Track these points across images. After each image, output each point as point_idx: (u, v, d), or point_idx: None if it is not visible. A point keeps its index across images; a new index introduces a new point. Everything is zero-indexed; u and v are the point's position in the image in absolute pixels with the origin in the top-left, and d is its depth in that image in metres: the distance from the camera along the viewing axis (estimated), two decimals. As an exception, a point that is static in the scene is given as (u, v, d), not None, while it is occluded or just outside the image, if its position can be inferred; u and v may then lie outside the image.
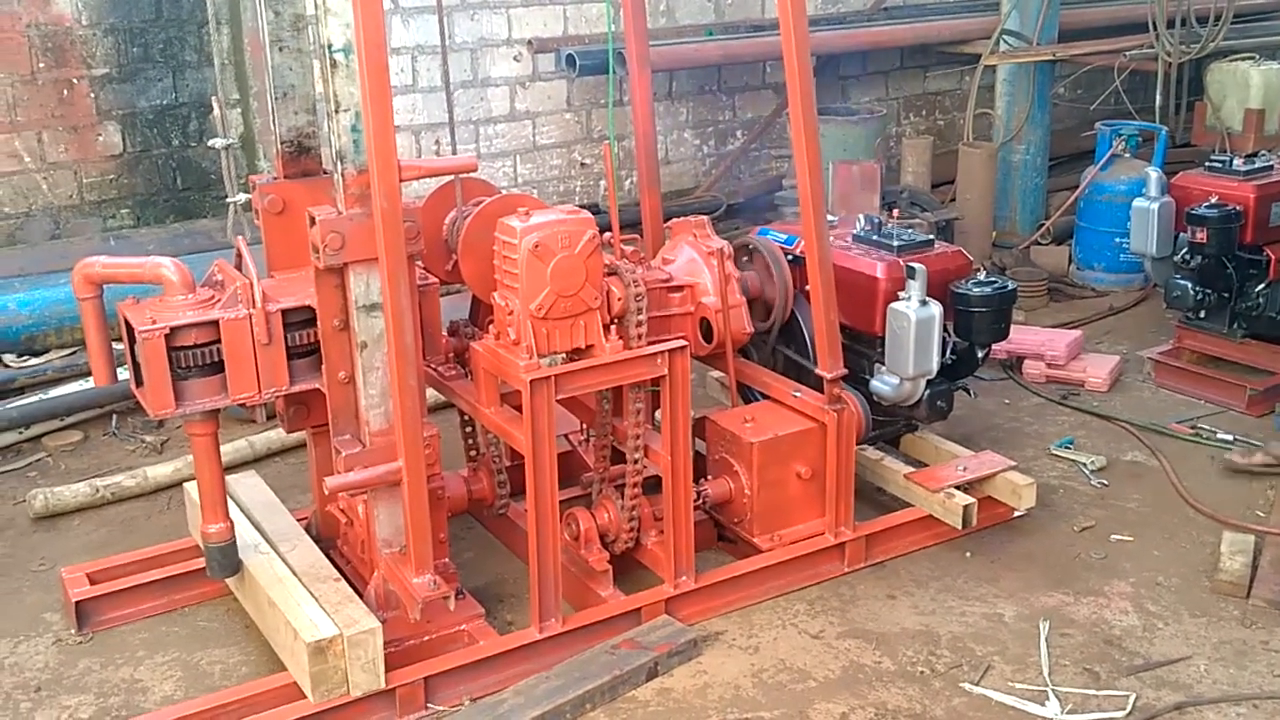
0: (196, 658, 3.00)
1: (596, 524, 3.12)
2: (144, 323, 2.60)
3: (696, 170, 6.88)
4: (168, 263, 2.72)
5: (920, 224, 4.05)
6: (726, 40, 6.46)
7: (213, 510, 2.83)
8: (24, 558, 3.49)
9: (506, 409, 2.97)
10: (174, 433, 4.24)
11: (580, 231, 2.81)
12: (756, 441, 3.20)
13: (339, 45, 2.47)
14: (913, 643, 3.01)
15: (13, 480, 3.98)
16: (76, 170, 5.26)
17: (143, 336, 2.59)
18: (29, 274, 4.78)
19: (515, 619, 3.12)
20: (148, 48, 5.30)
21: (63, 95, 5.17)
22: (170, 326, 2.61)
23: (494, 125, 6.14)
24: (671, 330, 3.25)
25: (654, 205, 3.69)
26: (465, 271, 3.06)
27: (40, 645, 3.06)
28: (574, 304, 2.82)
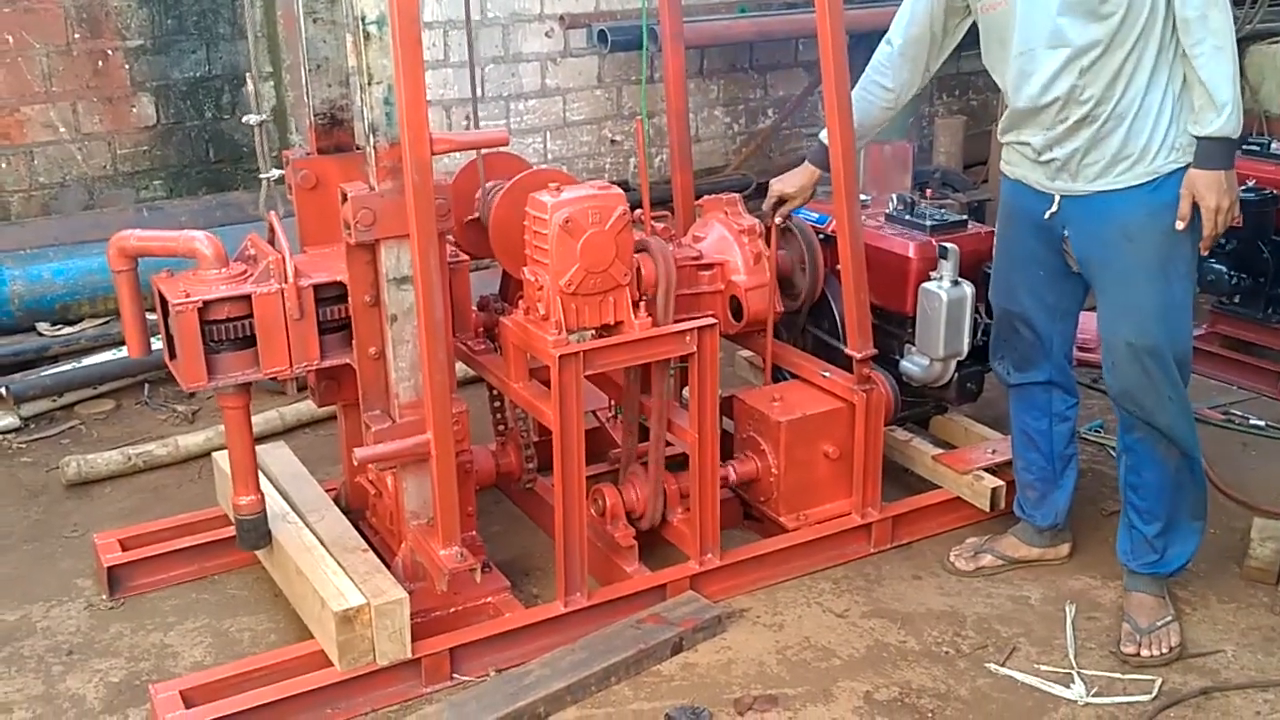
0: (226, 625, 3.04)
1: (623, 500, 3.13)
2: (178, 296, 2.62)
3: (726, 148, 6.86)
4: (201, 236, 2.74)
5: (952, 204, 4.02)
6: (760, 16, 6.42)
7: (244, 482, 2.86)
8: (57, 524, 3.54)
9: (535, 384, 2.98)
10: (205, 403, 4.28)
11: (611, 207, 2.81)
12: (784, 421, 3.19)
13: (372, 17, 2.47)
14: (938, 623, 3.01)
15: (46, 447, 4.03)
16: (110, 141, 5.29)
17: (176, 310, 2.61)
18: (63, 243, 4.82)
19: (541, 593, 3.14)
20: (182, 19, 5.31)
21: (97, 66, 5.19)
22: (203, 300, 2.63)
23: (525, 101, 6.13)
24: (701, 308, 3.25)
25: (685, 182, 3.68)
26: (495, 246, 3.06)
27: (72, 610, 3.10)
28: (604, 280, 2.82)
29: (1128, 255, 2.76)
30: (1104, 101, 2.69)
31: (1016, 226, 3.00)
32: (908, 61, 3.08)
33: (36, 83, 5.08)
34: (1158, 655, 2.83)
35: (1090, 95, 2.69)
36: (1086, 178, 2.77)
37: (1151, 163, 2.70)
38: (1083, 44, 2.65)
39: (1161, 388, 2.79)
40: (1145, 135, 2.69)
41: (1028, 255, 2.98)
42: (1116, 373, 2.85)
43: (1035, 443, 3.17)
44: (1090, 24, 2.64)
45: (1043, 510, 3.19)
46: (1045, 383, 3.12)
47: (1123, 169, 2.72)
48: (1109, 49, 2.64)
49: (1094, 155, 2.74)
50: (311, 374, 2.96)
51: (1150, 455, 2.88)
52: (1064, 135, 2.76)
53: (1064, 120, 2.74)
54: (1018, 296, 3.04)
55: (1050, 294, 3.00)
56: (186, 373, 2.66)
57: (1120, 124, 2.70)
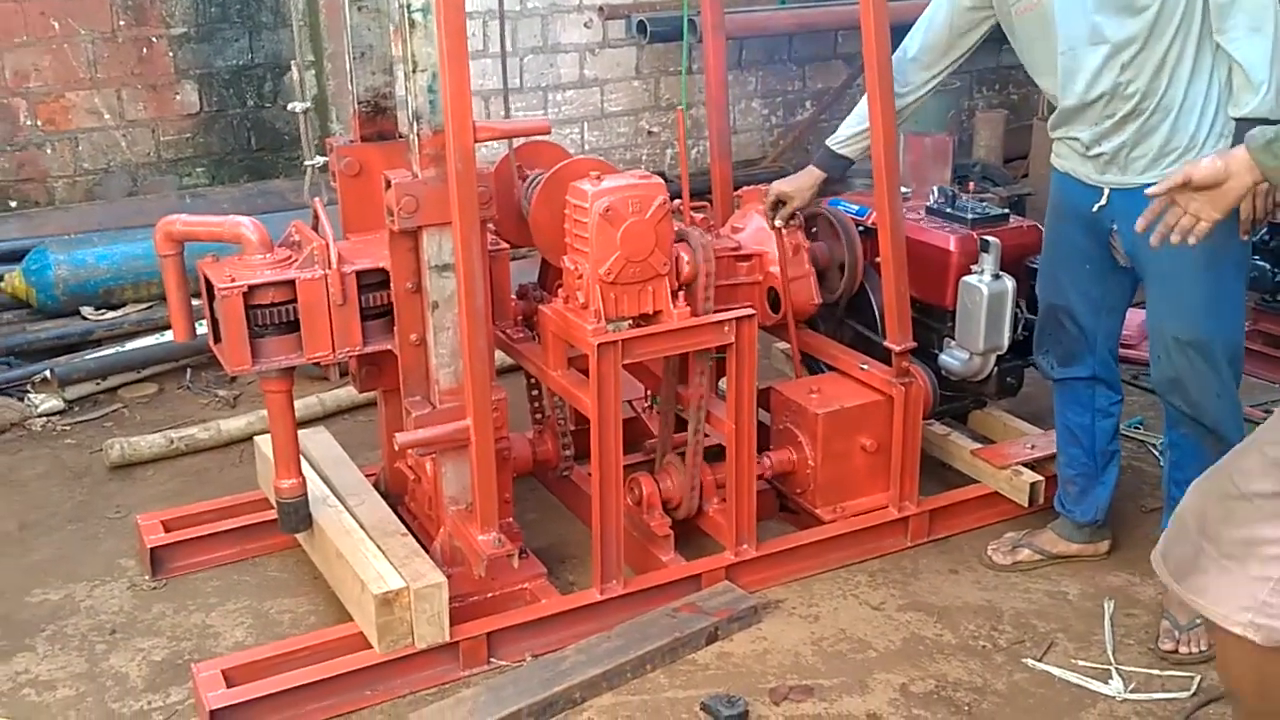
0: (266, 606, 3.07)
1: (659, 489, 3.14)
2: (223, 280, 2.65)
3: (764, 140, 6.84)
4: (247, 222, 2.77)
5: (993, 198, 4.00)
6: (800, 9, 6.40)
7: (286, 466, 2.89)
8: (100, 505, 3.59)
9: (573, 372, 2.99)
10: (246, 388, 4.32)
11: (651, 197, 2.81)
12: (822, 413, 3.19)
13: (418, 5, 2.48)
14: (975, 617, 3.00)
15: (90, 429, 4.09)
16: (154, 128, 5.35)
17: (222, 294, 2.64)
18: (107, 229, 4.89)
19: (577, 580, 3.15)
20: (225, 7, 5.36)
21: (142, 53, 5.25)
22: (248, 285, 2.66)
23: (563, 92, 6.15)
24: (739, 299, 3.25)
25: (724, 173, 3.68)
26: (535, 234, 3.07)
27: (116, 590, 3.15)
28: (643, 269, 2.82)
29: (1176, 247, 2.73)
30: (1149, 95, 2.68)
31: (1065, 220, 2.98)
32: (921, 68, 3.12)
33: (82, 69, 5.15)
34: (1196, 652, 2.81)
35: (1135, 89, 2.68)
36: (1135, 170, 2.75)
37: (1199, 152, 2.67)
38: (1121, 39, 2.65)
39: (1209, 383, 2.77)
40: (1192, 126, 2.68)
41: (1075, 249, 2.97)
42: (1162, 366, 2.83)
43: (1078, 438, 3.15)
44: (1127, 19, 2.63)
45: (1083, 506, 3.17)
46: (1089, 378, 3.10)
47: (1171, 160, 2.70)
48: (1149, 42, 2.63)
49: (1141, 148, 2.73)
50: (353, 359, 2.98)
51: (1195, 451, 2.85)
52: (1111, 130, 2.75)
53: (1110, 115, 2.73)
54: (1064, 291, 3.02)
55: (1096, 289, 2.98)
56: (231, 356, 2.69)
57: (1166, 116, 2.68)
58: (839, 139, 3.28)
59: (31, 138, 5.12)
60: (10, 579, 3.20)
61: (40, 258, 4.57)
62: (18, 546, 3.37)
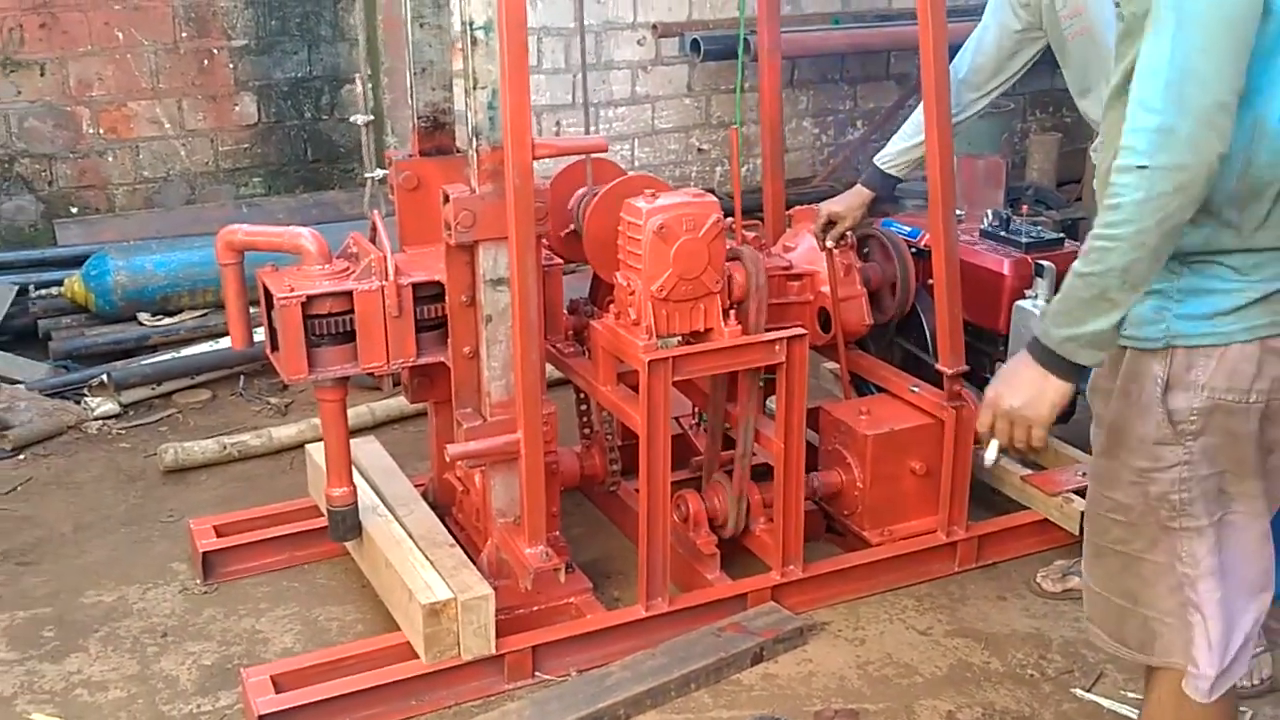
0: (315, 613, 3.10)
1: (706, 507, 3.14)
2: (282, 290, 2.69)
3: (814, 159, 6.84)
4: (306, 233, 2.81)
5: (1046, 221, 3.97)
6: (854, 29, 6.40)
7: (337, 474, 2.92)
8: (154, 509, 3.64)
9: (623, 388, 3.00)
10: (298, 396, 4.37)
11: (705, 215, 2.82)
12: (871, 434, 3.18)
13: (480, 23, 2.52)
14: (1023, 645, 2.97)
15: (145, 434, 4.15)
16: (213, 138, 5.44)
17: (280, 303, 2.68)
18: (165, 236, 4.98)
19: (622, 596, 3.15)
20: (285, 21, 5.45)
21: (203, 65, 5.34)
22: (307, 295, 2.70)
23: (615, 109, 6.18)
24: (789, 318, 3.24)
25: (777, 192, 3.68)
26: (588, 250, 3.09)
27: (168, 593, 3.19)
28: (695, 287, 2.83)
29: None
30: None
31: None
32: (971, 89, 3.14)
33: (144, 79, 5.25)
34: (1248, 686, 2.76)
35: None
36: None
37: None
38: None
39: None
40: None
41: None
42: None
43: None
44: None
45: None
46: None
47: None
48: None
49: None
50: (406, 370, 3.01)
51: None
52: None
53: None
54: None
55: None
56: (288, 364, 2.73)
57: None
58: (887, 157, 3.28)
59: (94, 145, 5.23)
60: (65, 580, 3.25)
61: (100, 264, 4.65)
62: (73, 548, 3.43)
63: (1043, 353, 1.80)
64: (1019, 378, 1.84)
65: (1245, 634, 1.95)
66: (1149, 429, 1.85)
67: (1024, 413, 1.83)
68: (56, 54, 5.06)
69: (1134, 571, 1.95)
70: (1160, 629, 1.94)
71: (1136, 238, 1.64)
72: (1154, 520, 1.90)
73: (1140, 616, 1.96)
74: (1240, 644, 1.94)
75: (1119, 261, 1.66)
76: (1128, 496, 1.92)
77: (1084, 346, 1.76)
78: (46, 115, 5.11)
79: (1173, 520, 1.88)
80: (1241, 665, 1.97)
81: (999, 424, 1.86)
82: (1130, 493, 1.91)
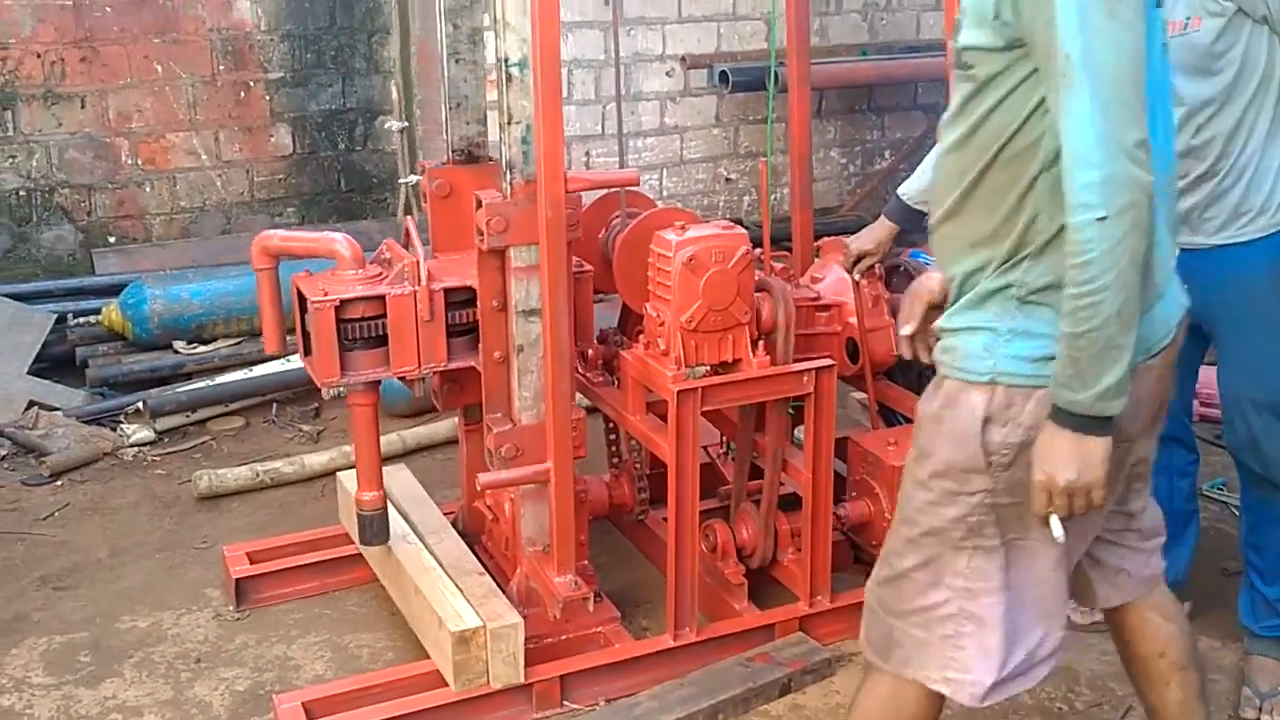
0: (345, 640, 3.13)
1: (734, 537, 3.15)
2: (316, 294, 2.73)
3: (841, 189, 6.87)
4: (340, 238, 2.85)
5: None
6: (881, 60, 6.44)
7: (368, 479, 2.94)
8: (188, 535, 3.69)
9: (652, 417, 3.02)
10: (329, 423, 4.43)
11: (734, 247, 2.84)
12: (900, 465, 3.17)
13: (515, 59, 2.57)
14: (1052, 678, 2.93)
15: (179, 460, 4.21)
16: (249, 169, 5.53)
17: (314, 307, 2.71)
18: (201, 265, 5.06)
19: (650, 625, 3.17)
20: (320, 54, 5.54)
21: (239, 97, 5.44)
22: (340, 299, 2.73)
23: (644, 139, 6.24)
24: (817, 349, 3.26)
25: (805, 224, 3.70)
26: (619, 280, 3.12)
27: (201, 619, 3.23)
28: (724, 318, 2.85)
29: (1249, 309, 2.71)
30: (1223, 157, 2.66)
31: None
32: None
33: (182, 111, 5.35)
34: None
35: (1210, 151, 2.67)
36: (1207, 231, 2.73)
37: (1273, 216, 2.67)
38: (1198, 101, 2.64)
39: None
40: (1266, 189, 2.67)
41: None
42: (1237, 428, 2.79)
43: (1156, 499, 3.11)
44: (1203, 81, 2.62)
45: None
46: (1163, 438, 3.06)
47: (1244, 222, 2.69)
48: (1224, 105, 2.63)
49: (1214, 210, 2.71)
50: (436, 377, 3.04)
51: (1272, 514, 2.80)
52: (1184, 190, 2.73)
53: (1184, 176, 2.72)
54: None
55: None
56: (321, 368, 2.76)
57: (1240, 178, 2.67)
58: (911, 193, 3.29)
59: (132, 176, 5.32)
60: (101, 605, 3.30)
61: (137, 292, 4.73)
62: (108, 573, 3.48)
63: (1074, 420, 1.79)
64: (1061, 452, 1.80)
65: (1028, 651, 2.00)
66: (960, 457, 1.90)
67: (1081, 482, 1.81)
68: (97, 87, 5.17)
69: (894, 584, 2.03)
70: (903, 640, 2.02)
71: (1119, 281, 1.69)
72: (939, 540, 1.95)
73: (887, 624, 2.05)
74: (1022, 659, 1.99)
75: (1112, 309, 1.70)
76: (922, 514, 1.97)
77: (1113, 399, 1.77)
78: (86, 146, 5.21)
79: (965, 541, 1.94)
80: (1023, 682, 2.03)
81: (1058, 501, 1.83)
82: (926, 512, 1.96)
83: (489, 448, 2.80)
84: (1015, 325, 1.85)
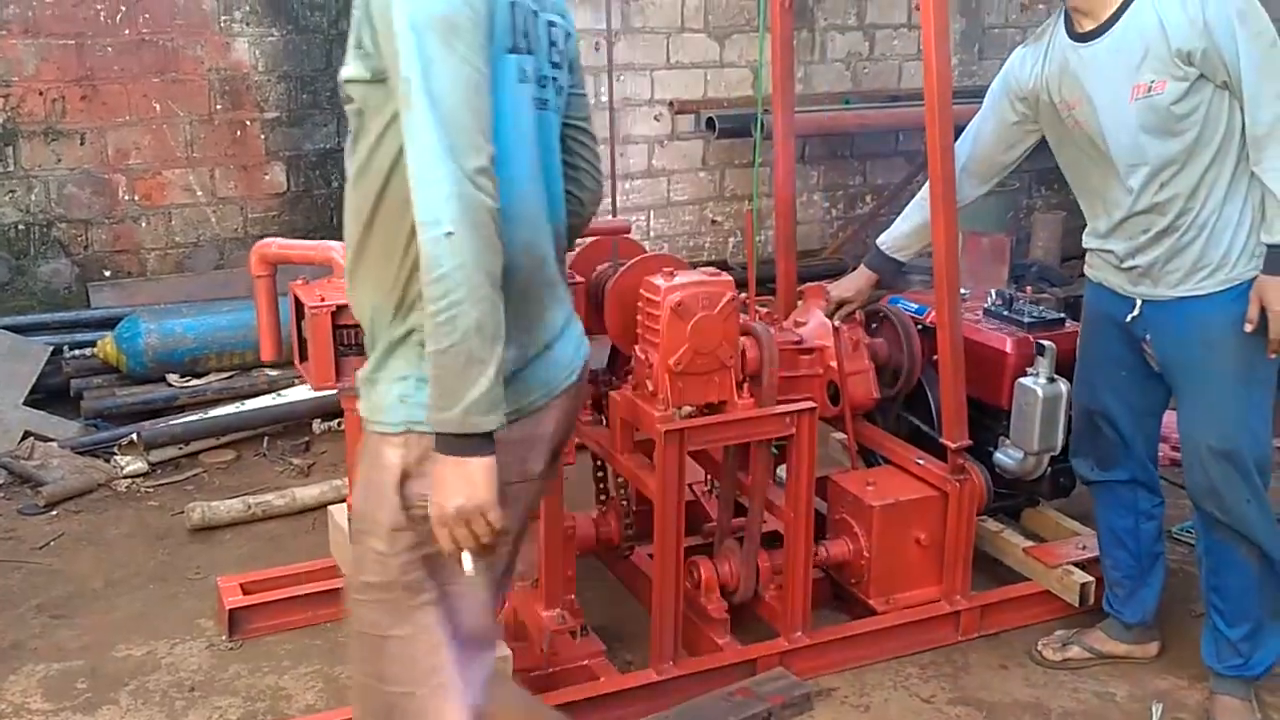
0: (336, 671, 3.20)
1: (718, 573, 3.23)
2: (313, 300, 2.80)
3: (823, 232, 7.01)
4: (338, 247, 2.90)
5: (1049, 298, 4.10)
6: (863, 109, 6.60)
7: None
8: (181, 566, 3.76)
9: (639, 456, 3.12)
10: (319, 457, 4.50)
11: (720, 293, 2.95)
12: (878, 505, 3.29)
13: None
14: (1023, 714, 3.05)
15: (172, 492, 4.27)
16: (243, 206, 5.62)
17: (311, 312, 2.78)
18: (195, 300, 5.14)
19: (634, 659, 3.24)
20: (316, 95, 5.66)
21: (236, 135, 5.54)
22: (336, 305, 2.78)
23: (631, 181, 6.37)
24: (799, 391, 3.36)
25: (789, 270, 3.82)
26: (609, 323, 3.22)
27: (195, 648, 3.30)
28: (710, 361, 2.95)
29: (1208, 360, 2.82)
30: (1185, 213, 2.78)
31: (1099, 328, 3.08)
32: (970, 176, 3.22)
33: (179, 149, 5.44)
34: None
35: (1172, 207, 2.78)
36: (1168, 284, 2.85)
37: (1231, 270, 2.78)
38: (1161, 160, 2.76)
39: (1240, 490, 2.83)
40: (1225, 244, 2.77)
41: (1111, 356, 3.06)
42: (1196, 474, 2.89)
43: (1122, 541, 3.21)
44: (1166, 141, 2.74)
45: (1130, 607, 3.23)
46: (1129, 481, 3.17)
47: (1203, 276, 2.80)
48: (1187, 163, 2.75)
49: (1175, 263, 2.82)
50: None
51: (1231, 557, 2.91)
52: (1146, 244, 2.85)
53: (1146, 230, 2.84)
54: (1100, 396, 3.10)
55: (1133, 394, 3.06)
56: (316, 373, 2.81)
57: (1200, 233, 2.78)
58: (891, 243, 3.40)
59: (129, 212, 5.41)
60: (96, 634, 3.36)
61: (132, 326, 4.80)
62: (103, 603, 3.54)
63: (449, 443, 1.77)
64: (447, 479, 1.78)
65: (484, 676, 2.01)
66: (386, 513, 1.88)
67: (470, 506, 1.77)
68: (96, 124, 5.26)
69: (382, 651, 1.94)
70: (405, 703, 1.94)
71: (474, 295, 1.71)
72: (395, 599, 1.92)
73: (386, 695, 1.96)
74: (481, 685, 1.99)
75: (470, 322, 1.72)
76: (373, 576, 1.93)
77: (484, 414, 1.75)
78: (85, 182, 5.30)
79: (411, 599, 1.91)
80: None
81: (458, 533, 1.80)
82: (375, 572, 1.92)
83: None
84: (424, 372, 1.81)
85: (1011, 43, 6.76)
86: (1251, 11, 2.65)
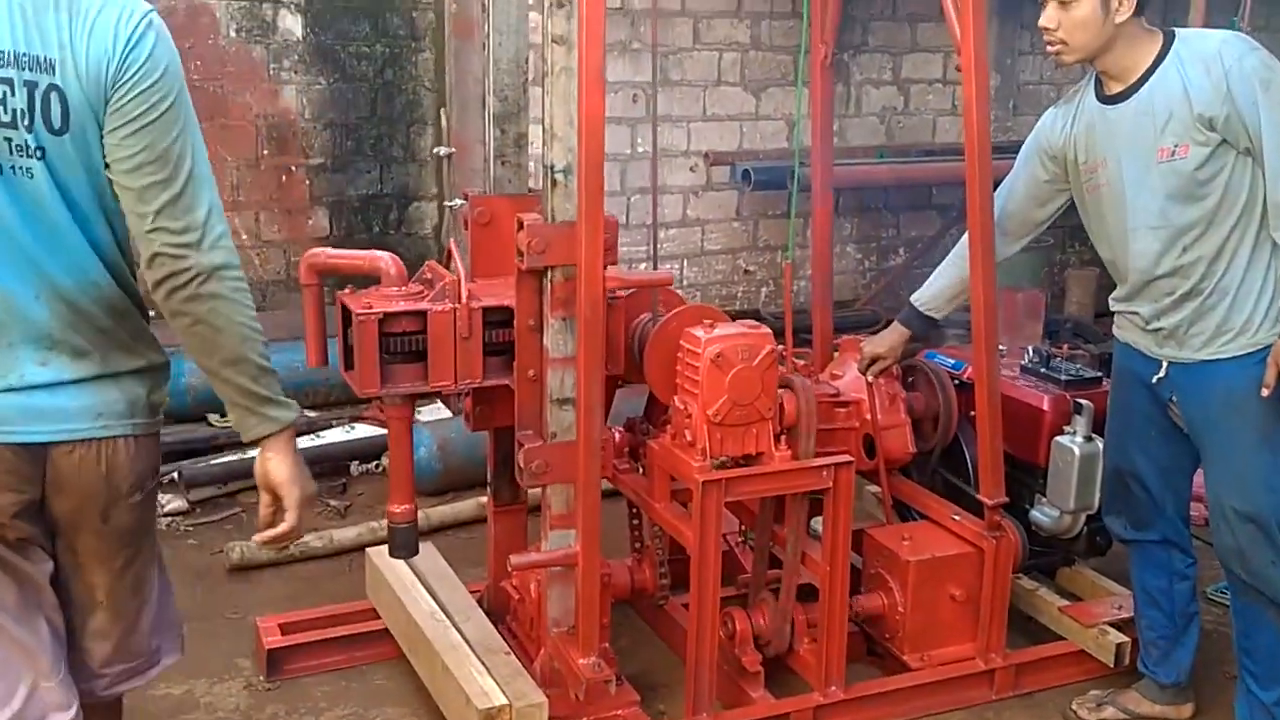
0: (372, 714, 3.22)
1: (752, 625, 3.24)
2: (361, 308, 2.85)
3: (856, 284, 7.05)
4: (385, 257, 3.00)
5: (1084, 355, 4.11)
6: (897, 163, 6.66)
7: (400, 491, 3.05)
8: (220, 605, 3.79)
9: (675, 505, 3.14)
10: (356, 499, 4.54)
11: (760, 345, 2.98)
12: (914, 560, 3.29)
13: (560, 166, 2.74)
14: (1049, 770, 3.03)
15: (211, 531, 4.32)
16: (286, 249, 5.72)
17: (358, 320, 2.83)
18: (236, 341, 5.19)
19: (667, 709, 3.25)
20: (360, 142, 5.77)
21: (281, 180, 5.65)
22: (383, 313, 2.84)
23: (666, 230, 6.44)
24: (835, 444, 3.38)
25: (825, 323, 3.85)
26: (648, 373, 3.25)
27: (233, 688, 3.32)
28: (749, 413, 2.97)
29: (1232, 423, 2.83)
30: (1208, 277, 2.80)
31: (1129, 387, 3.09)
32: (1004, 233, 3.23)
33: (225, 192, 5.55)
34: None
35: (1195, 271, 2.81)
36: (1192, 347, 2.87)
37: (1254, 335, 2.79)
38: (1184, 224, 2.79)
39: (1265, 553, 2.83)
40: (1249, 309, 2.79)
41: (1140, 415, 3.06)
42: (1223, 536, 2.90)
43: (1156, 601, 3.20)
44: (1189, 206, 2.77)
45: (1165, 668, 3.21)
46: (1161, 541, 3.16)
47: (1226, 340, 2.82)
48: (1210, 228, 2.77)
49: (1199, 326, 2.84)
50: (468, 399, 3.16)
51: (1260, 619, 2.90)
52: (1170, 307, 2.87)
53: (1170, 294, 2.86)
54: (1130, 455, 3.11)
55: (1163, 454, 3.06)
56: (362, 379, 2.86)
57: (1224, 298, 2.80)
58: (925, 300, 3.41)
59: (174, 253, 5.49)
60: (135, 670, 3.39)
61: (174, 366, 4.85)
62: (142, 639, 3.57)
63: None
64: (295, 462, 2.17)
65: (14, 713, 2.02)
66: None
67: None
68: (146, 167, 5.36)
69: None
70: None
71: None
72: None
73: None
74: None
75: None
76: None
77: None
78: (132, 224, 5.40)
79: None
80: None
81: None
82: None
83: (519, 464, 2.89)
84: None
85: (1046, 99, 6.82)
86: (1275, 79, 2.68)
